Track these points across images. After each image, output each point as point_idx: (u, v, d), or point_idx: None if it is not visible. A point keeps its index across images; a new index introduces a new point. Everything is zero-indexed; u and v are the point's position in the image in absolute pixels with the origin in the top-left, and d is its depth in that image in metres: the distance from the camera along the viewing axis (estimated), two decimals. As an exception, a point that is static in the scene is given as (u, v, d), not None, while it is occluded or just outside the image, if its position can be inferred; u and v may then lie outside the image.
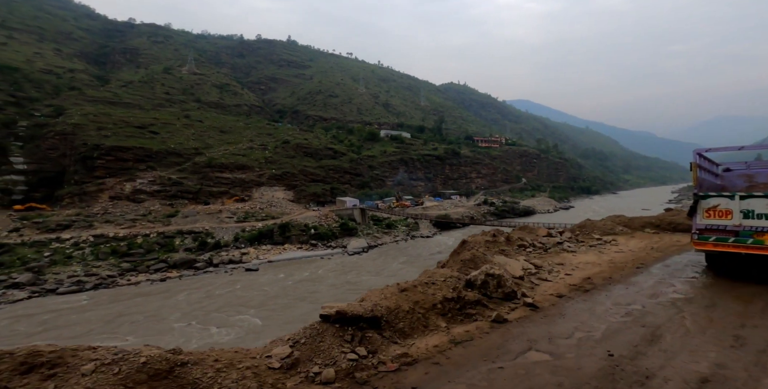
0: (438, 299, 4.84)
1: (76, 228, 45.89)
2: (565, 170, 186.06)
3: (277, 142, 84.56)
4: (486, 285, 5.41)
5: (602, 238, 11.83)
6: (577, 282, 6.66)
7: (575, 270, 7.74)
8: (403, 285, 4.95)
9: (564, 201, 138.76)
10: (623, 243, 11.44)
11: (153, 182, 61.03)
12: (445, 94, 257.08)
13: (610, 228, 13.69)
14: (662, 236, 12.94)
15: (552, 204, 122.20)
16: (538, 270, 7.40)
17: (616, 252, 9.70)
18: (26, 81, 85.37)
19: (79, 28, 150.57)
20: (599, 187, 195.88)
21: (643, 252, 9.68)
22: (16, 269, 33.76)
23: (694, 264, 8.32)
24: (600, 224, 14.13)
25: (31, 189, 55.73)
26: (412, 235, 66.34)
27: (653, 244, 11.20)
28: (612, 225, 14.38)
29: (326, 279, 35.38)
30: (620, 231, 13.71)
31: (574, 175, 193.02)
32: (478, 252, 6.85)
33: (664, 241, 11.86)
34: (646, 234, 13.39)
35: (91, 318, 24.50)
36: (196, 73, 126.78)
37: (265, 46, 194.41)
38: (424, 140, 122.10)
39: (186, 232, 49.53)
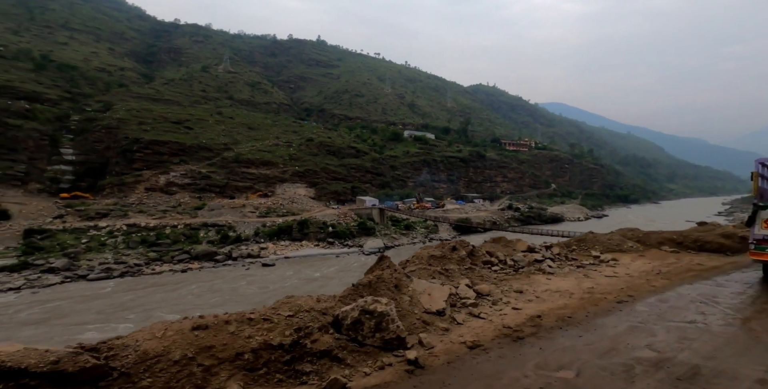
0: (253, 345, 3.37)
1: (112, 217, 49.46)
2: (601, 177, 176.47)
3: (301, 140, 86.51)
4: (358, 327, 3.93)
5: (600, 256, 10.28)
6: (517, 323, 5.19)
7: (533, 301, 6.35)
8: (205, 321, 3.52)
9: (597, 209, 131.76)
10: (625, 263, 9.84)
11: (185, 175, 64.50)
12: (473, 96, 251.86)
13: (616, 244, 11.93)
14: (681, 256, 10.94)
15: (583, 212, 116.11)
16: (479, 300, 5.99)
17: (606, 277, 8.22)
18: (82, 78, 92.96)
19: (130, 28, 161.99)
20: (639, 195, 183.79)
21: (642, 279, 8.12)
22: (55, 254, 36.94)
23: (703, 300, 6.65)
24: (604, 238, 12.34)
25: (77, 178, 60.72)
26: (431, 238, 65.52)
27: (663, 267, 9.47)
28: (620, 240, 12.51)
29: (335, 279, 35.69)
30: (629, 248, 11.91)
31: (611, 182, 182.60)
32: (390, 272, 5.27)
33: (681, 264, 9.96)
34: (661, 253, 11.50)
35: (98, 307, 25.48)
36: (231, 72, 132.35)
37: (295, 46, 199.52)
38: (449, 142, 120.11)
39: (210, 225, 51.91)
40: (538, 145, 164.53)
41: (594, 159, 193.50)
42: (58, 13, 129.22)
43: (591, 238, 12.43)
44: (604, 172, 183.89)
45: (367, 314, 3.95)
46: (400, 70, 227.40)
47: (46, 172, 57.84)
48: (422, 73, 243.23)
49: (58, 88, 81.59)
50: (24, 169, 53.87)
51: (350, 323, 3.93)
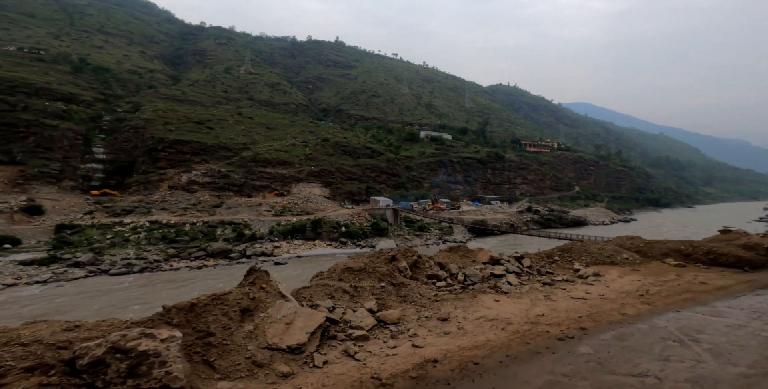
0: None
1: (136, 214, 51.85)
2: (629, 179, 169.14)
3: (317, 140, 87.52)
4: (100, 370, 2.76)
5: (581, 271, 8.81)
6: (395, 373, 3.94)
7: (450, 334, 5.13)
8: None
9: (625, 213, 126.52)
10: (608, 280, 8.24)
11: (205, 174, 66.72)
12: (492, 96, 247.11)
13: (607, 256, 10.42)
14: (685, 272, 9.28)
15: (609, 215, 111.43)
16: (378, 330, 4.79)
17: (573, 299, 6.91)
18: (114, 80, 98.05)
19: (160, 31, 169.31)
20: (671, 199, 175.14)
21: (616, 303, 6.65)
22: (82, 249, 39.09)
23: (679, 338, 5.17)
24: (595, 248, 10.80)
25: (107, 176, 64.07)
26: (445, 240, 64.77)
27: (654, 286, 7.85)
28: (614, 250, 10.94)
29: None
30: (622, 260, 10.30)
31: (640, 185, 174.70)
32: (247, 291, 4.15)
33: (678, 282, 8.25)
34: (661, 267, 9.83)
35: (103, 302, 26.46)
36: (252, 73, 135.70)
37: (314, 47, 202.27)
38: (466, 142, 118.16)
39: (227, 223, 53.41)
40: (560, 146, 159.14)
41: (622, 160, 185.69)
42: (95, 18, 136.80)
43: (578, 248, 11.02)
44: (633, 174, 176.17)
45: (117, 353, 2.74)
46: (418, 70, 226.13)
47: (79, 169, 61.34)
48: (440, 73, 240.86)
49: (93, 89, 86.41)
50: (59, 167, 57.36)
51: (87, 364, 2.75)
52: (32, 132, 57.62)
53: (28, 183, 53.27)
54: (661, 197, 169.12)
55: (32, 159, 55.60)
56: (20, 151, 55.30)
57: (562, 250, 10.92)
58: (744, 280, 8.69)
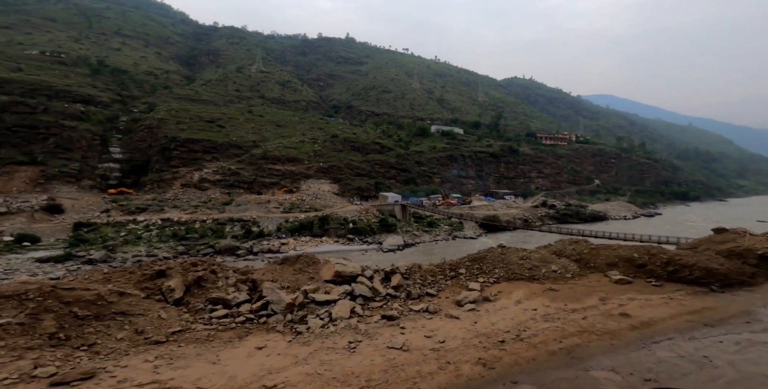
0: None
1: (150, 212, 53.25)
2: (654, 172, 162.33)
3: (326, 136, 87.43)
4: None
5: (472, 293, 6.92)
6: None
7: None
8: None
9: (649, 207, 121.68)
10: (495, 309, 6.56)
11: (216, 172, 67.83)
12: (506, 89, 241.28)
13: (529, 268, 8.56)
14: (619, 292, 7.20)
15: (631, 210, 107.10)
16: None
17: (388, 348, 5.28)
18: (131, 81, 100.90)
19: (175, 33, 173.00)
20: (701, 192, 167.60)
21: (433, 365, 5.03)
22: (96, 246, 40.45)
23: None
24: (516, 258, 8.96)
25: (123, 175, 66.12)
26: (455, 236, 63.63)
27: (545, 322, 6.07)
28: (543, 259, 8.95)
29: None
30: (547, 274, 8.37)
31: (666, 178, 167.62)
32: None
33: (587, 316, 6.32)
34: (591, 285, 7.82)
35: None
36: (263, 71, 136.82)
37: (324, 45, 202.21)
38: (478, 136, 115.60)
39: (236, 220, 54.13)
40: (579, 139, 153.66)
41: (646, 153, 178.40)
42: (113, 21, 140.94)
43: (494, 257, 9.33)
44: (659, 166, 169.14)
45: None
46: (429, 64, 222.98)
47: (97, 169, 63.54)
48: (452, 68, 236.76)
49: (111, 91, 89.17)
50: (78, 167, 59.54)
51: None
52: (52, 133, 59.95)
53: (48, 182, 55.54)
54: (689, 190, 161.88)
55: (52, 159, 57.89)
56: (41, 151, 57.65)
57: (474, 260, 9.34)
58: (694, 309, 6.82)
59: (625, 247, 9.72)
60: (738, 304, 6.18)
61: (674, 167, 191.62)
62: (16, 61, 79.99)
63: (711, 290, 7.81)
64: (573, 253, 9.79)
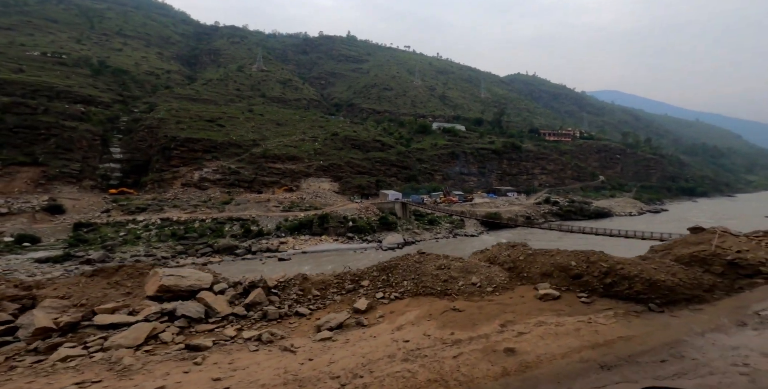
0: None
1: (149, 212, 53.33)
2: (660, 168, 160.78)
3: (327, 135, 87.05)
4: None
5: (340, 315, 5.69)
6: None
7: None
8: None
9: (655, 203, 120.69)
10: (357, 339, 5.33)
11: (216, 171, 67.79)
12: (509, 86, 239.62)
13: (444, 280, 6.97)
14: (534, 314, 5.95)
15: (636, 206, 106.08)
16: None
17: None
18: (132, 81, 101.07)
19: (176, 32, 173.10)
20: (708, 188, 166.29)
21: None
22: (95, 246, 40.54)
23: None
24: (433, 268, 7.60)
25: (124, 175, 66.33)
26: (455, 233, 63.19)
27: (396, 364, 4.95)
28: (464, 270, 7.52)
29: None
30: (464, 287, 6.98)
31: (673, 173, 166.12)
32: None
33: (465, 351, 5.16)
34: (505, 304, 6.52)
35: None
36: (264, 70, 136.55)
37: (325, 43, 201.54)
38: (480, 133, 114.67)
39: (235, 219, 54.06)
40: (583, 135, 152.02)
41: (652, 148, 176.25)
42: (114, 21, 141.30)
43: (408, 267, 7.76)
44: (665, 162, 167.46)
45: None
46: (431, 62, 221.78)
47: (98, 169, 63.78)
48: (454, 65, 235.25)
49: (112, 91, 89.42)
50: (78, 167, 59.77)
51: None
52: (53, 134, 60.20)
53: (50, 183, 55.83)
54: (696, 186, 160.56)
55: (53, 160, 58.15)
56: (42, 152, 57.92)
57: (382, 270, 8.02)
58: (606, 340, 5.24)
59: (564, 253, 8.38)
60: (669, 331, 5.02)
61: (681, 163, 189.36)
62: (18, 62, 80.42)
63: (648, 309, 6.28)
64: (507, 261, 8.63)
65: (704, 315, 5.52)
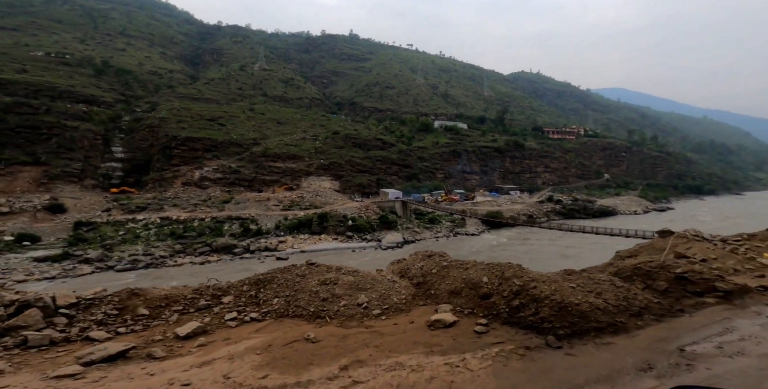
0: None
1: (149, 211, 53.48)
2: (666, 165, 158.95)
3: (327, 133, 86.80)
4: None
5: (105, 345, 4.75)
6: None
7: None
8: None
9: (661, 201, 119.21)
10: (86, 384, 3.99)
11: (216, 170, 67.85)
12: (513, 84, 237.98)
13: (323, 299, 5.95)
14: (380, 360, 4.41)
15: (642, 204, 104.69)
16: None
17: None
18: (135, 81, 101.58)
19: (179, 32, 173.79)
20: (716, 186, 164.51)
21: None
22: (94, 245, 40.66)
23: None
24: (315, 283, 6.31)
25: (126, 175, 66.60)
26: (456, 232, 62.62)
27: None
28: (357, 286, 6.34)
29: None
30: (342, 310, 5.94)
31: (680, 171, 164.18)
32: None
33: None
34: (375, 333, 5.33)
35: None
36: (266, 69, 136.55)
37: (328, 42, 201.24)
38: (483, 131, 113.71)
39: (235, 218, 54.02)
40: (588, 133, 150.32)
41: (658, 146, 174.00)
42: (117, 21, 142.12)
43: (288, 280, 6.41)
44: (671, 159, 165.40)
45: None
46: (434, 60, 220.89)
47: (99, 168, 64.12)
48: (457, 63, 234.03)
49: (114, 91, 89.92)
50: (80, 167, 60.12)
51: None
52: (54, 133, 60.57)
53: (51, 182, 56.19)
54: (704, 184, 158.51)
55: (55, 159, 58.53)
56: (44, 152, 58.30)
57: (255, 283, 6.64)
58: None
59: (479, 267, 7.09)
60: (542, 383, 3.71)
61: (688, 160, 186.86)
62: (22, 62, 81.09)
63: (546, 343, 4.86)
64: (417, 274, 7.42)
65: (608, 354, 4.16)
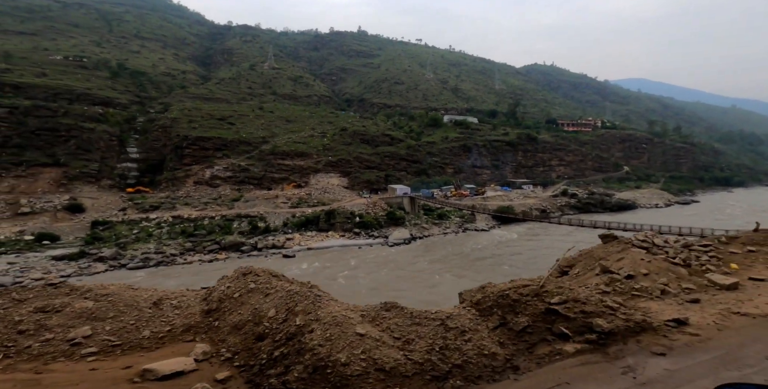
0: None
1: (163, 210, 54.88)
2: (691, 157, 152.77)
3: (335, 130, 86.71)
4: None
5: None
6: None
7: None
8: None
9: (685, 194, 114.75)
10: None
11: (226, 169, 68.92)
12: (526, 77, 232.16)
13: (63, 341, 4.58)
14: None
15: (664, 197, 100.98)
16: None
17: None
18: (149, 82, 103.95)
19: (191, 33, 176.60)
20: (745, 177, 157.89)
21: None
22: (109, 244, 42.04)
23: None
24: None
25: (141, 174, 68.47)
26: (465, 228, 61.71)
27: None
28: (93, 312, 5.10)
29: (342, 273, 34.93)
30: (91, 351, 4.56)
31: (706, 162, 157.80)
32: None
33: None
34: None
35: None
36: (275, 68, 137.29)
37: (336, 39, 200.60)
38: (494, 125, 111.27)
39: (243, 216, 54.83)
40: (605, 124, 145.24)
41: (682, 137, 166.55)
42: (132, 24, 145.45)
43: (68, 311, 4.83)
44: (696, 151, 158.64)
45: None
46: (444, 54, 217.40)
47: (115, 169, 66.16)
48: (468, 57, 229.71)
49: (130, 92, 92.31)
50: (97, 167, 62.17)
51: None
52: (73, 135, 62.73)
53: (71, 183, 58.34)
54: (732, 175, 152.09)
55: (74, 160, 60.68)
56: (63, 153, 60.51)
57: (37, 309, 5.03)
58: None
59: (279, 294, 5.49)
60: None
61: (715, 151, 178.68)
62: (41, 66, 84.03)
63: None
64: (215, 298, 5.70)
65: None
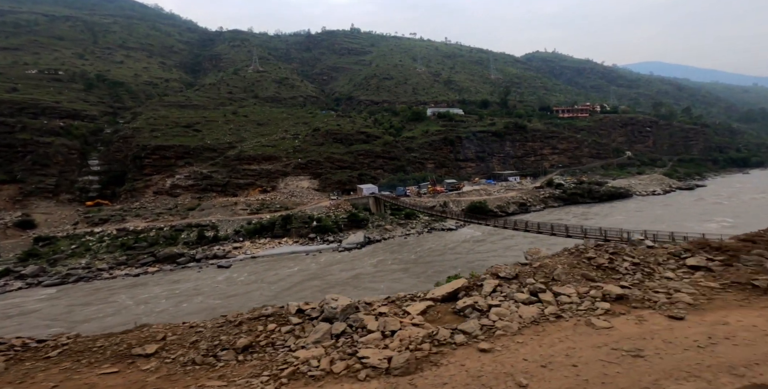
0: None
1: (111, 222, 53.21)
2: (702, 138, 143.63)
3: (308, 130, 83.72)
4: None
5: None
6: None
7: None
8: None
9: (693, 178, 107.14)
10: None
11: (188, 177, 66.96)
12: (526, 65, 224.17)
13: None
14: None
15: (665, 183, 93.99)
16: None
17: None
18: (127, 92, 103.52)
19: (180, 41, 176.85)
20: (765, 157, 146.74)
21: None
22: (42, 260, 40.38)
23: None
24: None
25: (103, 187, 67.27)
26: (431, 228, 57.66)
27: None
28: None
29: (268, 284, 31.81)
30: None
31: (720, 143, 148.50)
32: None
33: None
34: None
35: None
36: (260, 71, 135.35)
37: (327, 38, 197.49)
38: (480, 116, 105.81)
39: (194, 225, 52.50)
40: (605, 109, 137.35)
41: (693, 118, 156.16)
42: (117, 35, 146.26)
43: None
44: (709, 132, 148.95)
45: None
46: (438, 47, 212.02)
47: (76, 182, 65.12)
48: (464, 48, 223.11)
49: (103, 104, 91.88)
50: (54, 182, 61.23)
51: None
52: (29, 150, 61.98)
53: (26, 199, 57.49)
54: (750, 155, 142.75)
55: (30, 176, 59.88)
56: (20, 169, 59.79)
57: None
58: None
59: None
60: None
61: (732, 131, 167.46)
62: (15, 81, 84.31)
63: None
64: None
65: None
